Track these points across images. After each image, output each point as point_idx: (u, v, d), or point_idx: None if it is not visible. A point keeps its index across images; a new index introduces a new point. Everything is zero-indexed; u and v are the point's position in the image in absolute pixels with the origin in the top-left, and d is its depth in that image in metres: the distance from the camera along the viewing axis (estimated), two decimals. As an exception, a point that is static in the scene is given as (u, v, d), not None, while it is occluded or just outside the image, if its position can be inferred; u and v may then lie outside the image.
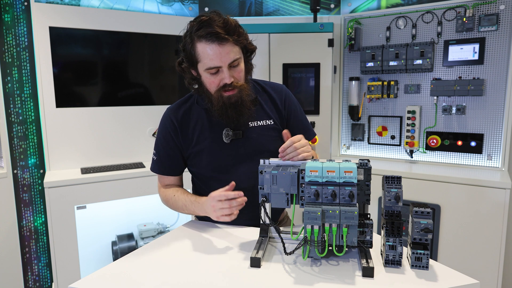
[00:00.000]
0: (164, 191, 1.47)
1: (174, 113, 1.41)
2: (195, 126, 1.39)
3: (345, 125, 2.96)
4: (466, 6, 2.38)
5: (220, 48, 1.22)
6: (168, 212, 2.97)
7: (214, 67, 1.25)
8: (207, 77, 1.28)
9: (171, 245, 1.23)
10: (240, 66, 1.30)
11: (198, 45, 1.24)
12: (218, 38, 1.21)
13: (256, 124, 1.40)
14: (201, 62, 1.26)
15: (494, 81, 2.36)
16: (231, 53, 1.24)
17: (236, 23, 1.27)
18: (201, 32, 1.22)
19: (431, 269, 1.02)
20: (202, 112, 1.40)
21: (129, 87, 2.76)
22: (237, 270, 1.04)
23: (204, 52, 1.23)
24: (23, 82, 2.47)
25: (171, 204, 1.44)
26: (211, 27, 1.21)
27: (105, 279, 1.00)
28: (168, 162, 1.44)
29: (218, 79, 1.27)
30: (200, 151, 1.38)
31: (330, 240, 1.02)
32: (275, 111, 1.44)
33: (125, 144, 2.74)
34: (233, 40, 1.24)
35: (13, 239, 2.50)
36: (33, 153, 2.56)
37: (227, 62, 1.24)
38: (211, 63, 1.24)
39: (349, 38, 2.75)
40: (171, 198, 1.43)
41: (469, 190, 2.20)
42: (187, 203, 1.36)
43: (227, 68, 1.25)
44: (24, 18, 2.43)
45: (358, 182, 1.07)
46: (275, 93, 1.46)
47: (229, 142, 1.37)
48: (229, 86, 1.27)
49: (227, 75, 1.25)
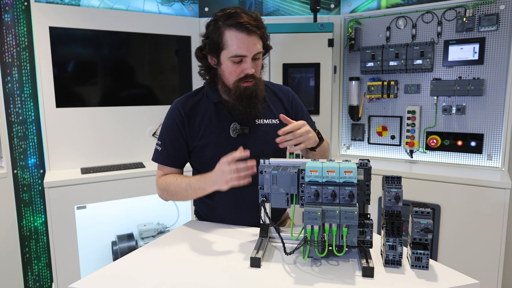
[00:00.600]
0: (164, 178, 1.42)
1: (182, 104, 1.42)
2: (203, 119, 1.40)
3: (345, 125, 2.96)
4: (466, 6, 2.38)
5: (249, 38, 1.26)
6: (168, 212, 2.97)
7: (240, 56, 1.28)
8: (229, 65, 1.31)
9: (171, 245, 1.23)
10: (260, 61, 1.36)
11: (227, 33, 1.27)
12: (247, 29, 1.25)
13: (263, 122, 1.42)
14: (226, 49, 1.29)
15: (494, 81, 2.36)
16: (257, 45, 1.29)
17: (262, 19, 1.33)
18: (231, 21, 1.26)
19: (431, 269, 1.02)
20: (210, 106, 1.41)
21: (129, 87, 2.76)
22: (237, 270, 1.04)
23: (232, 40, 1.27)
24: (23, 82, 2.47)
25: (173, 189, 1.37)
26: (241, 17, 1.26)
27: (105, 279, 1.00)
28: (173, 152, 1.42)
29: (240, 69, 1.30)
30: (206, 144, 1.39)
31: (330, 240, 1.02)
32: (283, 110, 1.47)
33: (125, 144, 2.74)
34: (260, 34, 1.30)
35: (13, 239, 2.50)
36: (33, 153, 2.56)
37: (253, 52, 1.28)
38: (238, 51, 1.27)
39: (349, 38, 2.75)
40: (172, 183, 1.38)
41: (469, 190, 2.20)
42: (192, 182, 1.32)
43: (250, 58, 1.29)
44: (24, 18, 2.43)
45: (358, 182, 1.07)
46: (282, 94, 1.50)
47: (235, 137, 1.38)
48: (250, 77, 1.31)
49: (250, 66, 1.29)
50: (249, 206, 1.37)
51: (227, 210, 1.42)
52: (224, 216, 1.43)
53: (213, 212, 1.45)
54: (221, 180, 1.22)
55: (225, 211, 1.43)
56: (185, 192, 1.35)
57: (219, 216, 1.44)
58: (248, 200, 1.36)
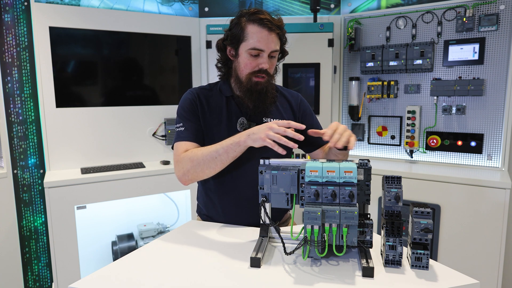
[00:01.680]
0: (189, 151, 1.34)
1: (198, 90, 1.46)
2: (213, 110, 1.43)
3: (345, 125, 2.95)
4: (466, 6, 2.38)
5: (269, 34, 1.32)
6: (168, 212, 2.97)
7: (258, 49, 1.33)
8: (246, 57, 1.35)
9: (171, 245, 1.23)
10: (275, 60, 1.41)
11: (249, 26, 1.33)
12: (268, 26, 1.32)
13: (270, 121, 1.42)
14: (246, 41, 1.34)
15: (494, 81, 2.36)
16: (276, 43, 1.35)
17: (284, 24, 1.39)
18: (255, 17, 1.33)
19: (431, 269, 1.02)
20: (222, 99, 1.44)
21: (129, 87, 2.76)
22: (237, 270, 1.04)
23: (253, 33, 1.32)
24: (23, 82, 2.47)
25: (200, 156, 1.29)
26: (265, 15, 1.33)
27: (105, 279, 1.00)
28: (195, 130, 1.40)
29: (255, 62, 1.35)
30: (213, 135, 1.40)
31: (330, 240, 1.02)
32: (291, 113, 1.50)
33: (125, 144, 2.74)
34: (280, 34, 1.36)
35: (13, 239, 2.50)
36: (33, 153, 2.56)
37: (271, 49, 1.34)
38: (257, 44, 1.32)
39: (349, 38, 2.75)
40: (199, 150, 1.31)
41: (469, 190, 2.20)
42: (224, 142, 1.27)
43: (267, 54, 1.34)
44: (24, 18, 2.43)
45: (358, 182, 1.07)
46: (292, 97, 1.54)
47: (241, 131, 1.38)
48: (263, 72, 1.35)
49: (266, 61, 1.34)
50: (250, 205, 1.37)
51: (229, 208, 1.43)
52: (225, 213, 1.44)
53: (216, 209, 1.46)
54: (262, 132, 1.18)
55: (226, 208, 1.43)
56: (215, 154, 1.27)
57: (220, 213, 1.45)
58: (250, 199, 1.36)
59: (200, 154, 1.29)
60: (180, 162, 1.34)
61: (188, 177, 1.34)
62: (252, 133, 1.21)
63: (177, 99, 1.50)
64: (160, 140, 2.85)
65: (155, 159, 2.83)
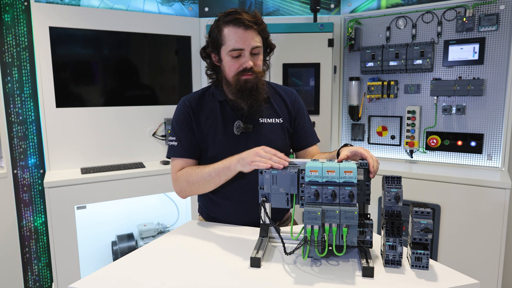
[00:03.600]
0: (185, 170, 1.40)
1: (190, 100, 1.45)
2: (208, 116, 1.43)
3: (345, 125, 2.96)
4: (466, 6, 2.38)
5: (245, 32, 1.31)
6: (168, 212, 2.97)
7: (238, 49, 1.31)
8: (229, 60, 1.35)
9: (171, 245, 1.23)
10: (260, 56, 1.38)
11: (225, 29, 1.33)
12: (244, 24, 1.30)
13: (266, 121, 1.44)
14: (225, 44, 1.33)
15: (494, 81, 2.36)
16: (255, 39, 1.33)
17: (262, 18, 1.36)
18: (229, 18, 1.32)
19: (431, 269, 1.02)
20: (216, 104, 1.44)
21: (129, 87, 2.76)
22: (237, 270, 1.04)
23: (230, 35, 1.32)
24: (23, 82, 2.47)
25: (194, 177, 1.36)
26: (239, 14, 1.31)
27: (105, 279, 1.00)
28: (188, 144, 1.42)
29: (239, 63, 1.34)
30: (211, 141, 1.41)
31: (330, 240, 1.02)
32: (286, 111, 1.49)
33: (125, 144, 2.74)
34: (258, 30, 1.34)
35: (13, 239, 2.50)
36: (33, 153, 2.56)
37: (250, 46, 1.32)
38: (235, 44, 1.31)
39: (349, 38, 2.75)
40: (193, 171, 1.37)
41: (469, 190, 2.20)
42: (216, 164, 1.32)
43: (249, 52, 1.32)
44: (24, 18, 2.43)
45: (358, 182, 1.07)
46: (286, 95, 1.52)
47: (239, 134, 1.40)
48: (248, 70, 1.33)
49: (248, 59, 1.33)
50: (251, 205, 1.37)
51: (230, 207, 1.43)
52: (226, 213, 1.44)
53: (216, 208, 1.46)
54: (249, 158, 1.21)
55: (228, 207, 1.43)
56: (208, 177, 1.34)
57: (222, 212, 1.45)
58: (251, 199, 1.36)
59: (194, 176, 1.36)
60: (177, 181, 1.42)
61: (185, 194, 1.42)
62: (241, 158, 1.25)
63: (177, 99, 1.50)
64: (160, 140, 2.85)
65: (155, 159, 2.83)
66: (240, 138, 1.40)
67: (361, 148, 1.17)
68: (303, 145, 1.53)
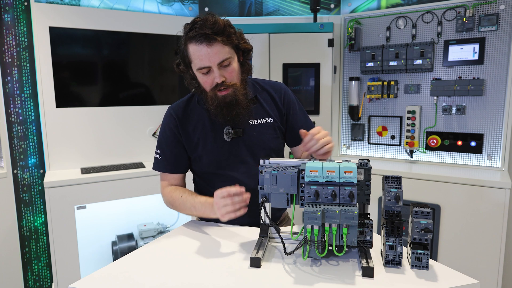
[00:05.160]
0: (170, 192, 1.43)
1: (175, 110, 1.44)
2: (196, 125, 1.41)
3: (345, 125, 2.96)
4: (466, 6, 2.38)
5: (209, 48, 1.24)
6: (168, 212, 2.97)
7: (204, 67, 1.28)
8: (200, 77, 1.32)
9: (171, 245, 1.23)
10: (232, 66, 1.31)
11: (190, 47, 1.28)
12: (207, 39, 1.23)
13: (257, 122, 1.41)
14: (193, 62, 1.30)
15: (494, 81, 2.36)
16: (220, 53, 1.26)
17: (226, 23, 1.28)
18: (192, 34, 1.25)
19: (431, 269, 1.02)
20: (203, 112, 1.41)
21: (129, 87, 2.76)
22: (237, 270, 1.04)
23: (194, 53, 1.27)
24: (23, 82, 2.47)
25: (178, 205, 1.40)
26: (200, 28, 1.24)
27: (105, 279, 1.00)
28: (173, 159, 1.43)
29: (210, 79, 1.30)
30: (202, 150, 1.40)
31: (330, 240, 1.02)
32: (275, 109, 1.45)
33: (125, 144, 2.74)
34: (222, 41, 1.25)
35: (13, 239, 2.50)
36: (33, 153, 2.56)
37: (216, 62, 1.26)
38: (200, 63, 1.27)
39: (349, 38, 2.75)
40: (177, 199, 1.39)
41: (469, 190, 2.19)
42: (197, 205, 1.33)
43: (216, 67, 1.27)
44: (24, 18, 2.43)
45: (358, 182, 1.07)
46: (274, 91, 1.47)
47: (230, 140, 1.38)
48: (221, 85, 1.29)
49: (218, 75, 1.28)
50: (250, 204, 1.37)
51: None
52: None
53: None
54: (217, 213, 1.22)
55: None
56: (189, 211, 1.37)
57: None
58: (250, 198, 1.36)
59: (178, 204, 1.39)
60: (163, 197, 1.47)
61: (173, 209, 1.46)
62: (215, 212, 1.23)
63: (177, 99, 1.49)
64: (160, 140, 2.85)
65: (155, 159, 2.83)
66: (231, 143, 1.39)
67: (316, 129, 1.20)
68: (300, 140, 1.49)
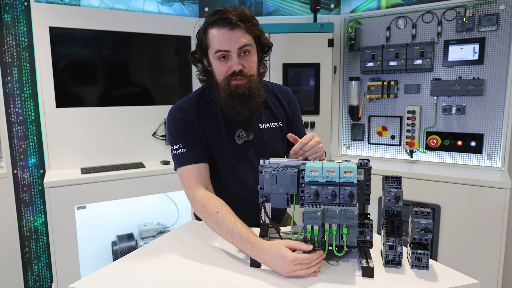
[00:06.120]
0: (203, 200, 1.22)
1: (188, 105, 1.35)
2: (211, 124, 1.35)
3: (345, 125, 2.96)
4: (466, 6, 2.38)
5: (230, 33, 1.21)
6: (168, 212, 2.97)
7: (223, 51, 1.22)
8: (216, 64, 1.26)
9: (171, 245, 1.23)
10: (252, 57, 1.27)
11: (210, 31, 1.24)
12: (229, 23, 1.20)
13: (266, 126, 1.40)
14: (211, 47, 1.25)
15: (494, 81, 2.36)
16: (242, 38, 1.22)
17: (251, 14, 1.26)
18: (214, 18, 1.22)
19: (431, 269, 1.02)
20: (217, 110, 1.35)
21: (129, 87, 2.76)
22: (237, 270, 1.04)
23: (214, 37, 1.23)
24: (23, 82, 2.47)
25: (210, 222, 1.20)
26: (224, 13, 1.21)
27: (105, 279, 1.00)
28: (198, 149, 1.31)
29: (227, 66, 1.25)
30: (214, 150, 1.36)
31: (330, 240, 1.02)
32: (283, 113, 1.45)
33: (125, 144, 2.74)
34: (245, 28, 1.23)
35: (13, 239, 2.49)
36: (33, 153, 2.56)
37: (236, 47, 1.22)
38: (219, 45, 1.22)
39: (349, 38, 2.75)
40: (212, 215, 1.18)
41: (469, 190, 2.19)
42: (235, 237, 1.10)
43: (236, 54, 1.23)
44: (24, 18, 2.43)
45: (358, 182, 1.07)
46: (282, 95, 1.47)
47: (241, 144, 1.36)
48: (238, 74, 1.24)
49: (236, 62, 1.23)
50: (251, 206, 1.37)
51: None
52: None
53: None
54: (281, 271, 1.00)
55: None
56: (223, 235, 1.16)
57: None
58: (251, 200, 1.36)
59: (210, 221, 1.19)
60: (195, 203, 1.25)
61: None
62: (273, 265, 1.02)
63: (177, 99, 1.46)
64: (160, 140, 2.85)
65: (155, 159, 2.83)
66: (242, 146, 1.36)
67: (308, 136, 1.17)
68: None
